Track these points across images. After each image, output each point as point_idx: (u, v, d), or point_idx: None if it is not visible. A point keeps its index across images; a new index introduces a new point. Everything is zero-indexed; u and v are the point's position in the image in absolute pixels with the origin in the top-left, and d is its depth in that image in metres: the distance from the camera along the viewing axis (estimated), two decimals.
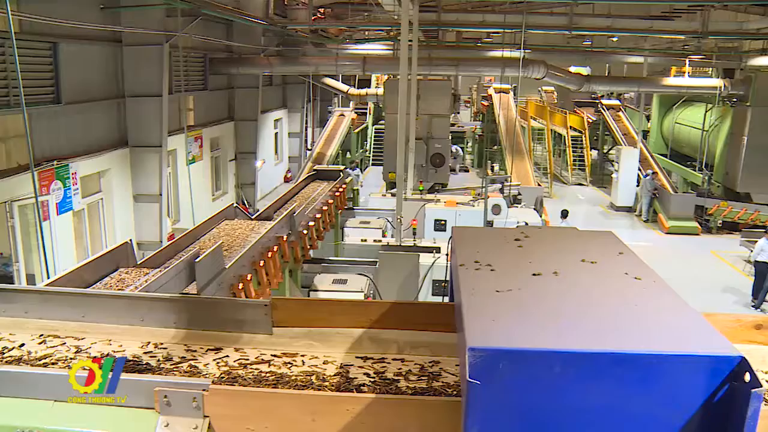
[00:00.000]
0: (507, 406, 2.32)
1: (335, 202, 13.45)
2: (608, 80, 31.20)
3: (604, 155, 34.90)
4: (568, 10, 22.93)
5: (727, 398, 2.35)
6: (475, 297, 2.76)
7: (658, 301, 2.85)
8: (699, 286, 17.36)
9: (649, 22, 24.60)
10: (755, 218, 22.88)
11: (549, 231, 4.91)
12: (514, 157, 24.98)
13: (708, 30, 23.01)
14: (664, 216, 24.00)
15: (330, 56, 25.23)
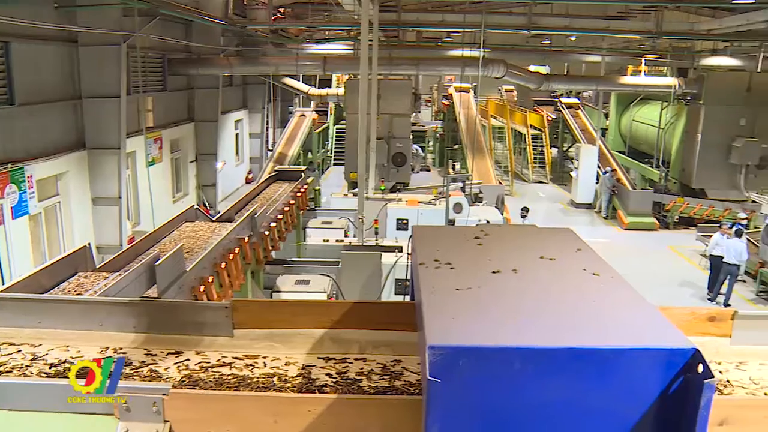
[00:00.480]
0: (467, 402, 2.34)
1: (297, 202, 13.41)
2: (567, 79, 31.59)
3: (564, 153, 35.30)
4: (527, 9, 23.16)
5: (681, 389, 2.40)
6: (435, 295, 2.78)
7: (615, 296, 2.90)
8: (657, 280, 17.66)
9: (606, 22, 24.94)
10: (710, 213, 23.38)
11: (508, 229, 4.96)
12: (475, 155, 25.13)
13: (662, 30, 23.47)
14: (623, 212, 24.36)
15: (290, 56, 25.11)
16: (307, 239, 13.69)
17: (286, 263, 11.87)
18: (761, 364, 4.07)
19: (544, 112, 34.01)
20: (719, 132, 23.33)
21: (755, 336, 4.22)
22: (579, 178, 26.94)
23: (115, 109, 15.63)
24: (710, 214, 23.39)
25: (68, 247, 14.07)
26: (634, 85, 27.24)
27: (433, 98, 48.75)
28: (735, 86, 23.46)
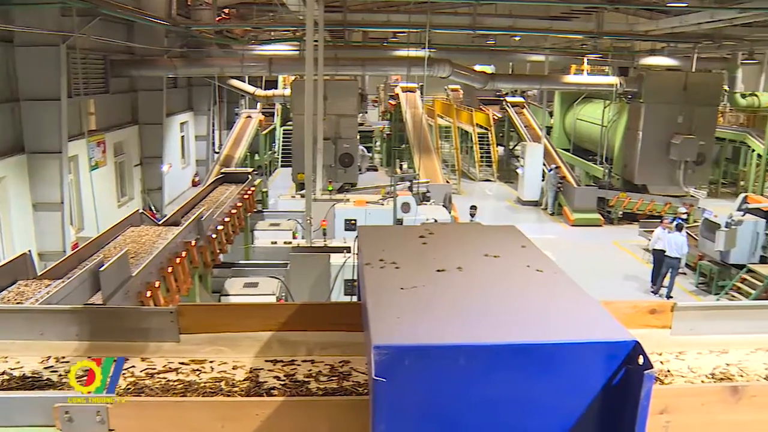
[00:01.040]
0: (414, 401, 2.35)
1: (244, 204, 13.31)
2: (512, 78, 32.03)
3: (510, 151, 35.73)
4: (472, 10, 23.37)
5: (623, 381, 2.46)
6: (380, 295, 2.79)
7: (558, 291, 2.95)
8: (602, 274, 18.02)
9: (549, 23, 25.38)
10: (652, 208, 23.97)
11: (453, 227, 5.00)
12: (422, 155, 25.25)
13: (602, 31, 24.04)
14: (568, 209, 24.76)
15: (235, 57, 24.88)
16: (255, 241, 13.60)
17: (234, 266, 11.78)
18: (699, 353, 4.20)
19: (490, 111, 34.37)
20: (659, 129, 23.95)
21: (693, 326, 4.35)
22: (525, 176, 27.30)
23: (56, 112, 15.27)
24: (652, 209, 23.98)
25: (8, 255, 13.70)
26: (577, 83, 27.79)
27: (379, 98, 48.83)
28: (672, 85, 24.10)
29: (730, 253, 16.49)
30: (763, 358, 4.18)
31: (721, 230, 16.41)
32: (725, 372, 3.90)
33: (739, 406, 3.24)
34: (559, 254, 19.28)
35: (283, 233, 13.69)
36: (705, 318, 4.41)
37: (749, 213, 16.72)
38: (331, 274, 11.01)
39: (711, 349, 4.26)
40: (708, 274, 17.70)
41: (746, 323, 4.48)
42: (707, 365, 4.00)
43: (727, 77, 29.95)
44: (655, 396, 3.02)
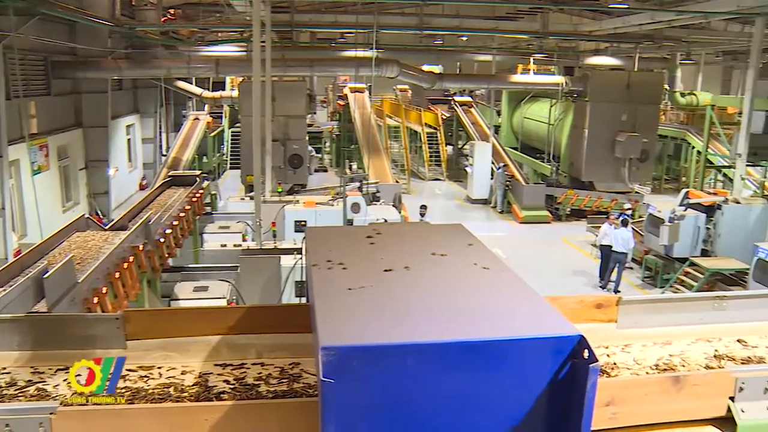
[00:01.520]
0: (363, 402, 2.35)
1: (192, 208, 13.18)
2: (460, 78, 32.30)
3: (459, 150, 36.00)
4: (419, 10, 23.51)
5: (569, 375, 2.49)
6: (327, 296, 2.79)
7: (504, 288, 2.99)
8: (552, 270, 18.29)
9: (495, 23, 25.66)
10: (599, 205, 24.41)
11: (400, 226, 5.03)
12: (371, 155, 25.28)
13: (548, 31, 24.44)
14: (517, 206, 25.04)
15: (182, 59, 24.56)
16: (205, 245, 13.45)
17: (184, 270, 11.66)
18: (644, 345, 4.29)
19: (438, 110, 34.58)
20: (604, 127, 24.40)
21: (638, 320, 4.45)
22: (474, 175, 27.51)
23: None
24: (599, 205, 24.42)
25: None
26: (524, 83, 28.15)
27: (328, 99, 48.74)
28: (616, 84, 24.60)
29: (673, 247, 16.88)
30: (703, 347, 4.30)
31: (665, 225, 16.79)
32: (668, 363, 4.00)
33: (680, 396, 3.33)
34: (509, 251, 19.46)
35: (233, 236, 13.58)
36: (649, 311, 4.51)
37: (691, 208, 17.15)
38: (281, 276, 10.95)
39: (655, 341, 4.37)
40: (653, 268, 18.11)
41: (688, 315, 4.60)
42: (652, 357, 4.10)
43: (668, 77, 30.72)
44: (602, 388, 3.09)
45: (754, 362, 4.04)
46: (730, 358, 4.09)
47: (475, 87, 35.36)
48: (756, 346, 4.33)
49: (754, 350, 4.25)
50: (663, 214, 17.20)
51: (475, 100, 36.13)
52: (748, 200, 17.70)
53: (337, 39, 31.45)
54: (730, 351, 4.22)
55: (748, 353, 4.21)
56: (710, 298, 4.68)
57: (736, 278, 15.74)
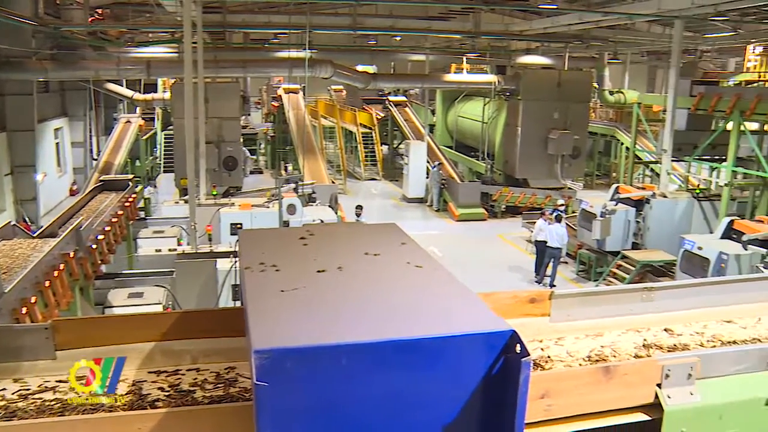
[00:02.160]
0: (298, 404, 2.35)
1: (125, 213, 12.93)
2: (394, 78, 32.46)
3: (394, 150, 36.14)
4: (352, 10, 23.49)
5: (503, 370, 2.54)
6: (260, 299, 2.78)
7: (437, 286, 3.02)
8: (488, 267, 18.54)
9: (428, 23, 25.85)
10: (533, 201, 24.82)
11: (334, 227, 5.03)
12: (306, 156, 25.20)
13: (480, 30, 24.74)
14: (453, 204, 25.26)
15: (111, 60, 23.98)
16: (139, 250, 13.22)
17: (118, 276, 11.43)
18: (576, 338, 4.39)
19: (373, 110, 34.63)
20: (536, 125, 24.83)
21: (570, 313, 4.55)
22: (410, 174, 27.63)
23: None
24: (533, 202, 24.83)
25: None
26: (458, 82, 28.47)
27: (262, 100, 48.29)
28: (547, 83, 25.07)
29: (605, 241, 17.29)
30: (633, 337, 4.42)
31: (597, 220, 17.18)
32: (600, 354, 4.10)
33: (611, 385, 3.42)
34: (445, 249, 19.54)
35: (168, 240, 13.39)
36: (580, 304, 4.62)
37: (621, 202, 17.60)
38: (218, 280, 10.83)
39: (587, 333, 4.47)
40: (587, 262, 18.52)
41: (618, 307, 4.73)
42: (584, 349, 4.19)
43: (596, 75, 31.50)
44: (536, 381, 3.15)
45: (680, 350, 4.18)
46: (658, 347, 4.22)
47: (410, 86, 35.57)
48: (681, 334, 4.48)
49: (679, 338, 4.39)
50: (595, 209, 17.59)
51: (409, 100, 36.32)
52: (674, 194, 18.27)
53: (271, 40, 31.20)
54: (657, 340, 4.35)
55: (674, 341, 4.34)
56: (638, 289, 4.82)
57: (664, 269, 16.22)
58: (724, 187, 17.30)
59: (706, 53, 37.11)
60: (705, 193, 18.40)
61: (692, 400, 3.56)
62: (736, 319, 4.83)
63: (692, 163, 19.81)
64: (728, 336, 4.45)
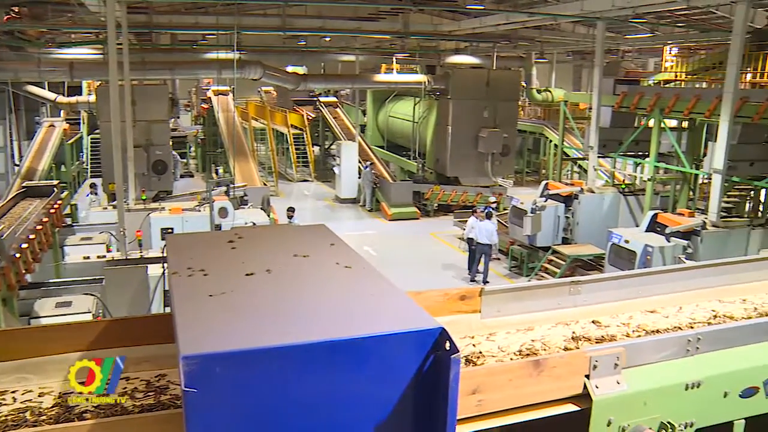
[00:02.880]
0: (229, 409, 2.33)
1: (51, 219, 12.54)
2: (324, 78, 32.36)
3: (326, 151, 36.06)
4: (281, 11, 23.34)
5: (433, 367, 2.56)
6: (188, 304, 2.74)
7: (366, 286, 3.03)
8: (421, 265, 18.68)
9: (358, 23, 25.89)
10: (464, 199, 25.13)
11: (262, 230, 4.99)
12: (237, 158, 24.93)
13: (409, 31, 24.90)
14: (386, 204, 25.34)
15: (31, 61, 23.20)
16: (66, 258, 12.83)
17: (44, 286, 11.05)
18: (507, 333, 4.47)
19: (304, 111, 34.48)
20: (466, 124, 25.12)
21: (501, 308, 4.63)
22: (342, 174, 27.61)
23: None
24: (465, 199, 25.13)
25: None
26: (388, 82, 28.55)
27: (192, 102, 47.52)
28: (476, 82, 25.39)
29: (536, 236, 17.64)
30: (562, 331, 4.53)
31: (528, 216, 17.51)
32: (531, 348, 4.18)
33: (541, 378, 3.49)
34: (379, 249, 19.58)
35: (96, 247, 13.04)
36: (510, 300, 4.70)
37: (551, 198, 17.97)
38: (150, 286, 10.61)
39: (518, 327, 4.56)
40: (519, 258, 18.84)
41: (547, 301, 4.84)
42: (515, 343, 4.27)
43: (524, 74, 32.13)
44: (467, 377, 3.19)
45: (607, 341, 4.30)
46: (586, 339, 4.33)
47: (340, 87, 35.54)
48: (608, 325, 4.61)
49: (606, 329, 4.51)
50: (525, 205, 17.90)
51: (340, 100, 36.31)
52: (601, 189, 18.77)
53: (199, 41, 30.73)
54: (586, 332, 4.46)
55: (602, 333, 4.47)
56: (566, 283, 4.93)
57: (594, 263, 16.64)
58: (647, 182, 17.86)
59: (628, 53, 38.40)
60: (630, 188, 18.96)
61: (619, 389, 3.66)
62: (659, 308, 5.00)
63: (617, 159, 20.34)
64: (652, 325, 4.60)
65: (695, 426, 3.89)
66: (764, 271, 5.79)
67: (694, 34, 26.45)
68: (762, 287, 5.59)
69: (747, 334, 4.25)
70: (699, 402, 3.89)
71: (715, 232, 14.44)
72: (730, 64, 14.92)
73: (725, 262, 5.73)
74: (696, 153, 18.23)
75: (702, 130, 18.29)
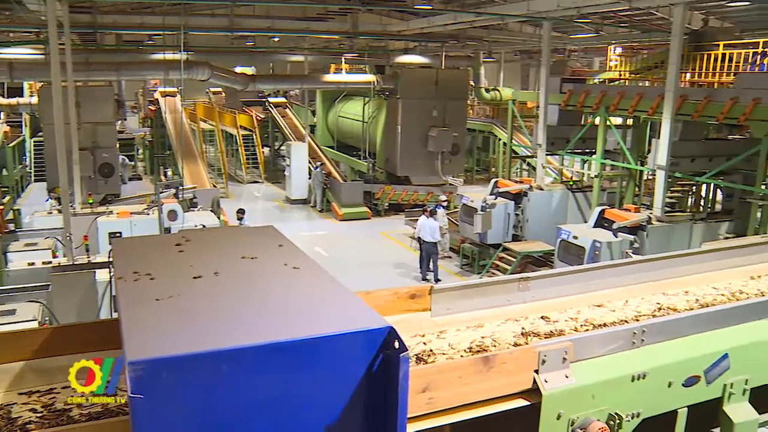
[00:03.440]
0: (178, 413, 2.30)
1: None
2: (273, 79, 32.15)
3: (276, 151, 35.84)
4: (229, 11, 23.13)
5: (382, 366, 2.57)
6: (134, 309, 2.70)
7: (315, 287, 3.02)
8: (373, 265, 18.69)
9: (307, 23, 25.82)
10: (415, 198, 25.24)
11: (210, 232, 4.94)
12: (186, 160, 24.62)
13: (358, 31, 24.89)
14: (336, 204, 25.31)
15: None
16: (9, 265, 12.49)
17: None
18: (458, 330, 4.50)
19: (253, 112, 34.23)
20: (416, 123, 25.21)
21: (450, 306, 4.66)
22: (292, 175, 27.47)
23: None
24: (415, 199, 25.24)
25: None
26: (337, 82, 28.50)
27: (139, 104, 46.78)
28: (425, 81, 25.48)
29: (487, 234, 17.78)
30: (512, 327, 4.58)
31: (478, 214, 17.64)
32: (481, 344, 4.22)
33: (491, 374, 3.53)
34: (331, 249, 19.52)
35: (42, 253, 12.72)
36: (460, 297, 4.73)
37: (500, 196, 18.14)
38: (98, 292, 10.41)
39: (468, 325, 4.59)
40: (470, 256, 18.98)
41: (496, 297, 4.89)
42: (465, 340, 4.31)
43: (473, 74, 32.40)
44: (418, 375, 3.21)
45: (556, 335, 4.37)
46: (536, 334, 4.39)
47: (289, 87, 35.41)
48: (557, 320, 4.68)
49: (555, 324, 4.58)
50: (475, 203, 18.03)
51: (289, 101, 36.14)
52: (550, 187, 19.04)
53: (145, 41, 30.25)
54: (535, 327, 4.52)
55: (551, 328, 4.53)
56: (515, 280, 4.99)
57: (544, 259, 16.86)
58: (594, 179, 18.17)
59: (574, 53, 39.07)
60: (578, 185, 19.27)
61: (568, 383, 3.72)
62: (606, 302, 5.09)
63: (565, 156, 20.65)
64: (599, 319, 4.68)
65: (642, 416, 3.98)
66: (705, 263, 5.95)
67: (637, 34, 27.07)
68: (703, 279, 5.74)
69: (689, 325, 4.36)
70: (645, 392, 3.97)
71: (660, 226, 14.79)
72: (670, 64, 15.31)
73: (668, 256, 5.87)
74: (640, 150, 18.64)
75: (646, 127, 18.71)
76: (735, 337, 4.44)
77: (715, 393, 4.30)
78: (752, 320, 4.62)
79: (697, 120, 15.29)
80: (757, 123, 13.87)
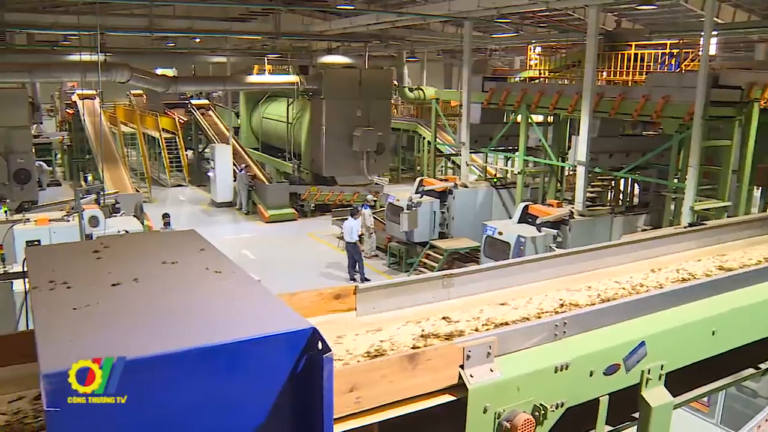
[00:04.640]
0: (97, 426, 2.25)
1: None
2: (195, 80, 31.67)
3: (200, 154, 35.34)
4: (148, 11, 22.66)
5: (306, 368, 2.57)
6: (49, 319, 2.62)
7: (237, 290, 3.00)
8: (301, 266, 18.65)
9: (229, 24, 25.56)
10: (341, 198, 25.28)
11: (129, 238, 4.83)
12: (107, 165, 23.99)
13: (280, 31, 24.75)
14: (262, 206, 25.14)
15: None
16: None
17: None
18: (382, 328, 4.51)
19: (176, 114, 33.65)
20: (340, 123, 25.21)
21: (375, 305, 4.68)
22: (216, 178, 27.18)
23: None
24: (342, 199, 25.29)
25: None
26: (260, 83, 28.29)
27: (55, 107, 45.34)
28: (349, 81, 25.53)
29: (413, 232, 17.95)
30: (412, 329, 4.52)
31: (404, 212, 17.79)
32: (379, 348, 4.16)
33: (417, 371, 3.56)
34: (258, 251, 19.39)
35: None
36: (386, 296, 4.75)
37: (426, 195, 18.34)
38: (15, 303, 10.08)
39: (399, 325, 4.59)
40: (398, 254, 19.12)
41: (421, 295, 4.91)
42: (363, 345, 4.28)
43: (396, 73, 32.64)
44: (343, 376, 3.22)
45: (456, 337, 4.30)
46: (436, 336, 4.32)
47: (212, 89, 34.99)
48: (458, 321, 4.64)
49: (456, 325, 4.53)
50: (401, 202, 18.18)
51: (212, 103, 35.67)
52: (475, 184, 19.36)
53: (60, 42, 29.34)
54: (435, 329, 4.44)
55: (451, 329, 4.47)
56: (439, 277, 5.03)
57: (470, 256, 17.13)
58: (517, 175, 18.56)
59: (495, 52, 39.77)
60: (502, 182, 19.66)
61: (493, 377, 3.77)
62: (510, 300, 5.13)
63: (489, 153, 21.00)
64: (501, 318, 4.70)
65: (566, 405, 4.07)
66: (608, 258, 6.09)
67: (555, 34, 27.77)
68: (606, 274, 5.84)
69: (607, 315, 4.49)
70: (568, 383, 4.07)
71: (582, 220, 15.21)
72: (587, 63, 15.78)
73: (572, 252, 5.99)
74: (561, 146, 19.13)
75: (566, 124, 19.20)
76: (651, 325, 4.59)
77: (634, 379, 4.44)
78: (667, 308, 4.78)
79: (613, 117, 15.79)
80: (668, 120, 14.42)
